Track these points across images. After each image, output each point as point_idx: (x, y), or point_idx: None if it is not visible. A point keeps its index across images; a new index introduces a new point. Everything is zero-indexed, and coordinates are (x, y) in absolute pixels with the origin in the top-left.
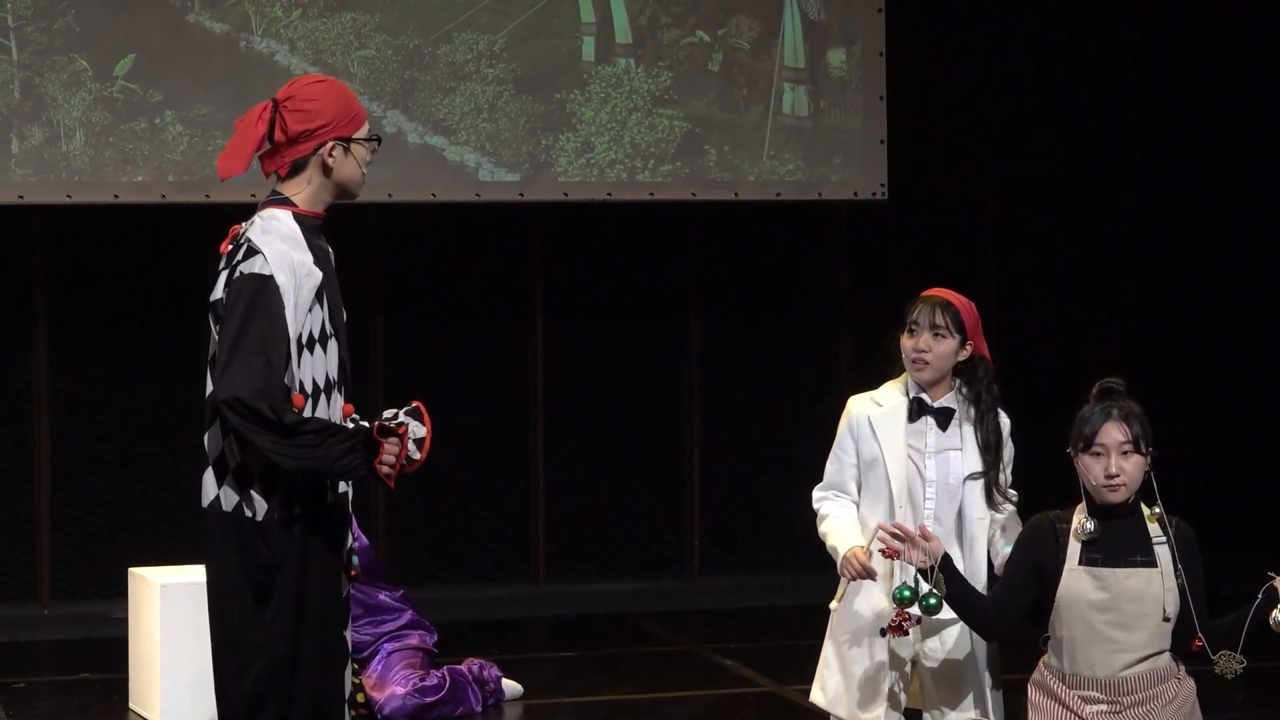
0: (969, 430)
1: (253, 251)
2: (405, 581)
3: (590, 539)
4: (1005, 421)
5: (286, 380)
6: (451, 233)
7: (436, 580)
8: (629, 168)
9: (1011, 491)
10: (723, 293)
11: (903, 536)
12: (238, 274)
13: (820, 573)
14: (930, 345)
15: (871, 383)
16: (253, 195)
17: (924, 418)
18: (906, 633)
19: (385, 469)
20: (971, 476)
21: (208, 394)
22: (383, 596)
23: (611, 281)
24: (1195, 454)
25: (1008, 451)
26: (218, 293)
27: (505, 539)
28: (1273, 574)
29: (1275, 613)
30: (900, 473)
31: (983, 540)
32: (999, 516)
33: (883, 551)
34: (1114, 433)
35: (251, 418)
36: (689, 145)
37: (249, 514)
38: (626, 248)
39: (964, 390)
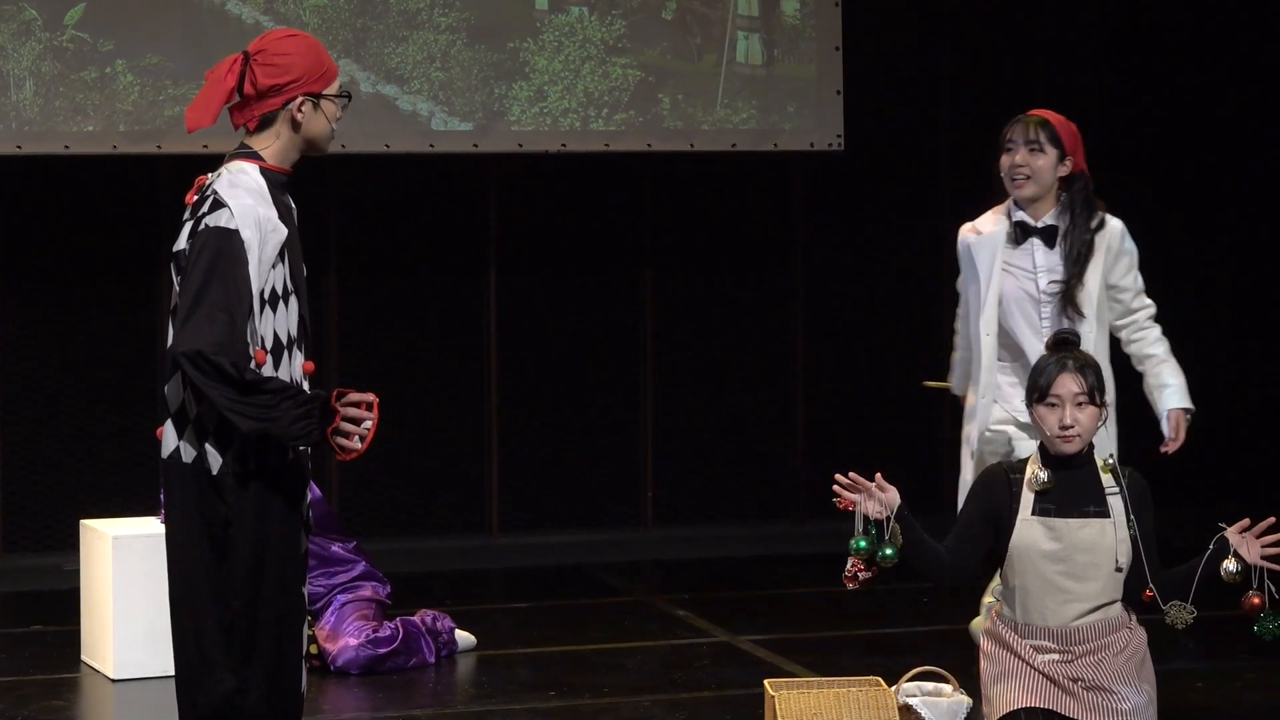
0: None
1: (219, 204)
2: (358, 533)
3: (544, 491)
4: (1114, 225)
5: (248, 336)
6: (406, 186)
7: (390, 532)
8: (582, 116)
9: (1144, 300)
10: (677, 244)
11: (858, 488)
12: (203, 226)
13: (774, 524)
14: (1027, 160)
15: (827, 337)
16: (205, 146)
17: (1030, 239)
18: (861, 584)
19: (341, 439)
20: (1051, 284)
21: (169, 345)
22: (336, 548)
23: (566, 233)
24: (1148, 407)
25: (1123, 259)
26: (181, 243)
27: (459, 491)
28: (1224, 525)
29: (1226, 563)
30: (994, 297)
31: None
32: (1146, 348)
33: (837, 502)
34: (1069, 384)
35: (211, 372)
36: (643, 94)
37: (206, 467)
38: (580, 199)
39: (1063, 203)
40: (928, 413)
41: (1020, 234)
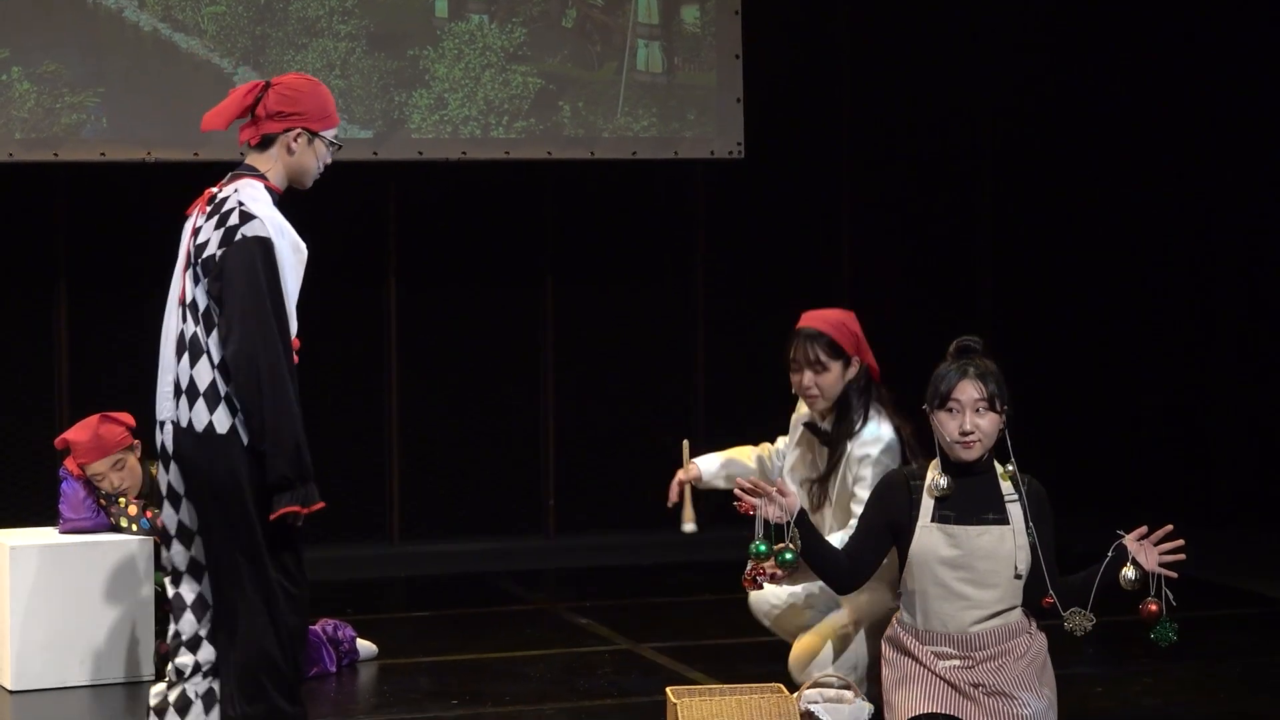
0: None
1: (249, 216)
2: None
3: (445, 498)
4: (865, 432)
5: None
6: (305, 194)
7: None
8: (483, 124)
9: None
10: (579, 251)
11: (759, 492)
12: (240, 236)
13: (674, 531)
14: (814, 381)
15: (728, 344)
16: (102, 154)
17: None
18: (761, 587)
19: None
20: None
21: (165, 328)
22: None
23: (467, 241)
24: (1048, 412)
25: (854, 467)
26: (211, 249)
27: (360, 498)
28: (1122, 532)
29: (1125, 571)
30: (794, 489)
31: None
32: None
33: (738, 506)
34: (969, 390)
35: (259, 375)
36: (543, 102)
37: (215, 431)
38: (481, 207)
39: (841, 404)
40: None
41: (810, 433)
